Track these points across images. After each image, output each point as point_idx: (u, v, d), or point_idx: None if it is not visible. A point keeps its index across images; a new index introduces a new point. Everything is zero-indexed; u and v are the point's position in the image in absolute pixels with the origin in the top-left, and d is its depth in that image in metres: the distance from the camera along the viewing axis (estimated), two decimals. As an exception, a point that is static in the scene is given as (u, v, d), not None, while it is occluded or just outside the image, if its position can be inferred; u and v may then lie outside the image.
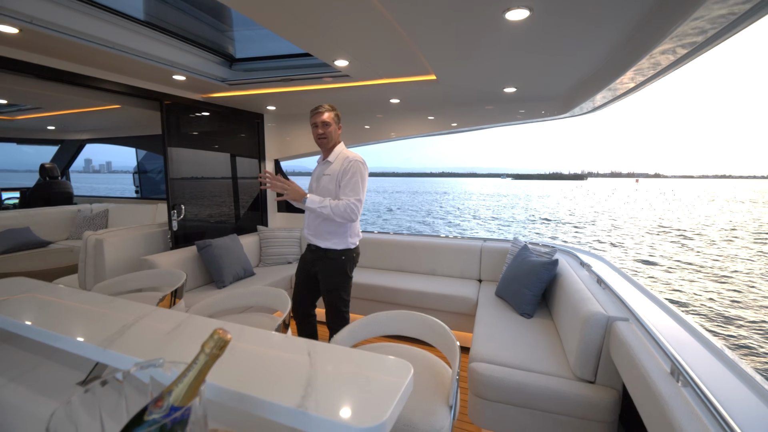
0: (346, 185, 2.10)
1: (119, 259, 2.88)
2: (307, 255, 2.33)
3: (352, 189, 2.09)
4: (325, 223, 2.17)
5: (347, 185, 2.10)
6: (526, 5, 1.41)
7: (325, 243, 2.20)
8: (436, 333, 1.42)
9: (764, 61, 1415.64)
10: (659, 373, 1.22)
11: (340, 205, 2.05)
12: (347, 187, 2.10)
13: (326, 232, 2.19)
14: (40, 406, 0.93)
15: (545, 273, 2.45)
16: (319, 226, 2.19)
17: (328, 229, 2.18)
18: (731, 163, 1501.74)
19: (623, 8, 1.48)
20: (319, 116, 2.14)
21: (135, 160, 5.86)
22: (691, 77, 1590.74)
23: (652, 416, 1.16)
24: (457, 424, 2.11)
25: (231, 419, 0.86)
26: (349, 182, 2.10)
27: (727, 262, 11.59)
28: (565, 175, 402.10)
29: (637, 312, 1.61)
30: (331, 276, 2.24)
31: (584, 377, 1.74)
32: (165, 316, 1.09)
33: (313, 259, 2.27)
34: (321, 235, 2.20)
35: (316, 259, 2.25)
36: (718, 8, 1.18)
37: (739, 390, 1.08)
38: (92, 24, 2.05)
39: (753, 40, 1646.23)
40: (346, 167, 2.13)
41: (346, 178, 2.11)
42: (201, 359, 0.57)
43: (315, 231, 2.21)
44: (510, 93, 2.98)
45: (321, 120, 2.14)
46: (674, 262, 11.58)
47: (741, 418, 0.93)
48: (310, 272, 2.32)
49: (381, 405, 0.67)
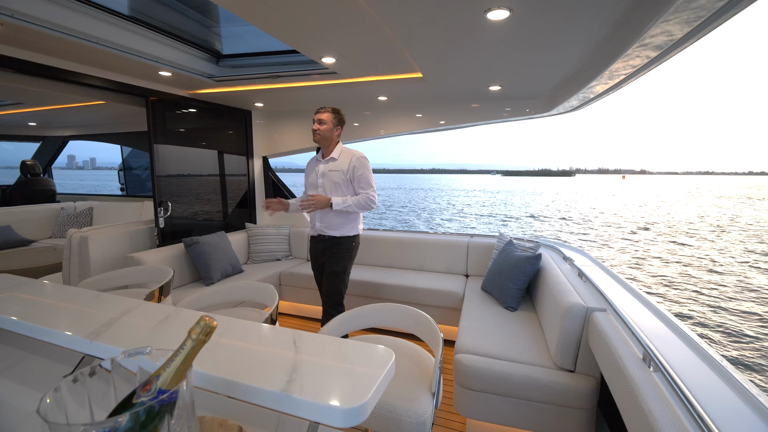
0: (359, 181, 2.38)
1: (105, 256, 2.86)
2: (317, 246, 2.51)
3: (365, 182, 2.39)
4: (337, 215, 2.40)
5: (360, 180, 2.38)
6: (506, 6, 1.45)
7: (338, 232, 2.43)
8: (420, 323, 1.46)
9: (742, 61, 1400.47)
10: (632, 359, 1.28)
11: (361, 200, 2.36)
12: (361, 181, 2.38)
13: (339, 223, 2.42)
14: (26, 399, 0.94)
15: (529, 267, 2.51)
16: (333, 218, 2.41)
17: (340, 220, 2.41)
18: (714, 160, 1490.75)
19: (599, 10, 1.53)
20: (319, 114, 2.36)
21: (120, 157, 5.77)
22: (673, 76, 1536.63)
23: (624, 399, 1.22)
24: (442, 415, 2.16)
25: (218, 408, 0.88)
26: (361, 178, 2.38)
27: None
28: (554, 171, 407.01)
29: (614, 302, 1.68)
30: (341, 259, 2.45)
31: (564, 366, 1.81)
32: (152, 310, 1.11)
33: (324, 248, 2.47)
34: (335, 226, 2.42)
35: (327, 248, 2.45)
36: (686, 14, 1.24)
37: (704, 373, 1.15)
38: (76, 19, 2.03)
39: (732, 39, 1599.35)
40: (355, 164, 2.37)
41: (357, 175, 2.37)
42: (188, 345, 0.59)
43: (329, 223, 2.42)
44: (495, 91, 3.03)
45: (318, 117, 2.36)
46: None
47: (704, 399, 0.99)
48: (322, 263, 2.51)
49: (362, 388, 0.71)
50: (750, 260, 10.97)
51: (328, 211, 2.39)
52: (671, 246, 13.19)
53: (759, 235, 15.31)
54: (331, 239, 2.44)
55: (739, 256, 11.58)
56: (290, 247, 4.04)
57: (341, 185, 2.38)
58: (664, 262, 10.78)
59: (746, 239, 14.32)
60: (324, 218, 2.43)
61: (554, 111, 3.58)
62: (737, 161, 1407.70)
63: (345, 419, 0.66)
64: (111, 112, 4.48)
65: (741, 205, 28.54)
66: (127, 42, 2.30)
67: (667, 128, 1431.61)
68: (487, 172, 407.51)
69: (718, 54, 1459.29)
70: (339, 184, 2.38)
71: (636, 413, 1.10)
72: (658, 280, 8.91)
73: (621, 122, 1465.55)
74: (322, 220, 2.44)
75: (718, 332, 5.91)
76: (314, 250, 2.55)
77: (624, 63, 1.88)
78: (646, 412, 1.04)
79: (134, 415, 0.53)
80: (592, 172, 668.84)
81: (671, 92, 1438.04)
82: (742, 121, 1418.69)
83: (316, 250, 2.53)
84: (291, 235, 4.05)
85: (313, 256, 2.59)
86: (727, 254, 11.77)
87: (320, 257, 2.51)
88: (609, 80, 2.23)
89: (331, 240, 2.44)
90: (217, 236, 3.35)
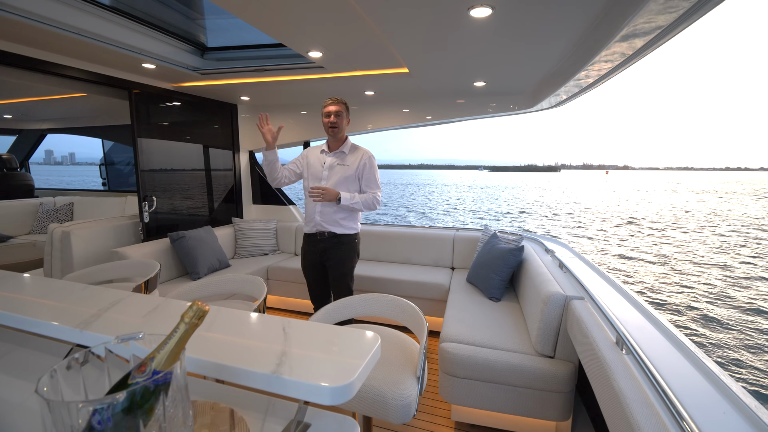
0: (368, 180, 2.37)
1: (88, 251, 2.82)
2: (317, 245, 2.39)
3: (374, 182, 2.38)
4: (340, 210, 2.33)
5: (369, 180, 2.37)
6: (488, 4, 1.49)
7: (341, 229, 2.35)
8: (405, 312, 1.51)
9: (720, 60, 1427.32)
10: (606, 343, 1.35)
11: (368, 198, 2.34)
12: (370, 181, 2.38)
13: (341, 219, 2.35)
14: (13, 391, 0.93)
15: (512, 259, 2.59)
16: (335, 214, 2.33)
17: (342, 216, 2.35)
18: (693, 156, 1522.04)
19: (578, 8, 1.59)
20: (332, 106, 2.29)
21: (101, 151, 5.64)
22: (654, 73, 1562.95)
23: (598, 381, 1.29)
24: (428, 403, 2.22)
25: (209, 394, 0.91)
26: (370, 177, 2.37)
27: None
28: (540, 167, 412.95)
29: (591, 291, 1.75)
30: (347, 260, 2.40)
31: (545, 353, 1.88)
32: (142, 301, 1.12)
33: (325, 248, 2.37)
34: (336, 222, 2.35)
35: (329, 248, 2.37)
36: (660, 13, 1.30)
37: (670, 353, 1.22)
38: (55, 8, 1.98)
39: (711, 37, 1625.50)
40: (366, 162, 2.36)
41: (366, 174, 2.36)
42: (181, 328, 0.62)
43: (330, 219, 2.34)
44: (480, 87, 3.09)
45: (332, 109, 2.29)
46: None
47: (670, 377, 1.06)
48: (321, 262, 2.42)
49: (350, 368, 0.74)
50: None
51: (331, 206, 2.31)
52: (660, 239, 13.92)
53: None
54: (333, 238, 2.35)
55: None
56: (277, 242, 4.04)
57: (348, 181, 2.33)
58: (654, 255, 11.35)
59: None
60: (324, 212, 2.34)
61: (538, 106, 3.66)
62: (715, 157, 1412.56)
63: (333, 397, 0.69)
64: (92, 105, 4.37)
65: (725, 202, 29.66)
66: (109, 33, 2.26)
67: (649, 125, 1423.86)
68: (475, 167, 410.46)
69: (696, 52, 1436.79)
70: (347, 179, 2.33)
71: (608, 392, 1.17)
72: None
73: (604, 118, 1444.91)
74: (323, 213, 2.34)
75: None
76: (312, 248, 2.41)
77: (605, 58, 1.95)
78: (617, 390, 1.10)
79: (131, 393, 0.55)
80: (577, 168, 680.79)
81: (653, 89, 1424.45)
82: (719, 118, 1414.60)
83: (314, 249, 2.40)
84: (278, 230, 4.05)
85: (309, 255, 2.44)
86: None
87: (319, 257, 2.40)
88: (590, 76, 2.30)
89: (332, 239, 2.35)
90: (204, 231, 3.33)
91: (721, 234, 14.82)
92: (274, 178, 2.38)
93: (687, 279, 8.63)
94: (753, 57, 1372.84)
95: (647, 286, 8.13)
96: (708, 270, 9.42)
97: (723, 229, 15.85)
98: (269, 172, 2.35)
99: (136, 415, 0.56)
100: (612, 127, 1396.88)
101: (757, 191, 40.58)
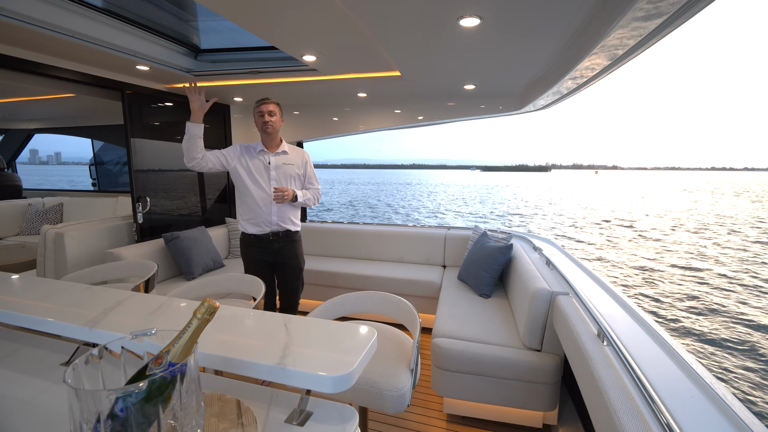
0: (310, 177, 2.53)
1: (81, 253, 2.82)
2: (270, 246, 2.39)
3: (315, 179, 2.56)
4: (292, 207, 2.44)
5: (311, 177, 2.53)
6: (477, 14, 1.56)
7: (293, 226, 2.47)
8: (399, 308, 1.58)
9: (707, 62, 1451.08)
10: (588, 335, 1.44)
11: (314, 194, 2.53)
12: (312, 178, 2.54)
13: (293, 215, 2.47)
14: (21, 389, 0.95)
15: (501, 256, 2.67)
16: (287, 211, 2.42)
17: (293, 213, 2.47)
18: (680, 156, 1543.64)
19: (563, 17, 1.66)
20: (267, 105, 2.30)
21: (91, 151, 5.58)
22: (643, 74, 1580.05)
23: (580, 371, 1.37)
24: (421, 396, 2.29)
25: (216, 387, 0.96)
26: (312, 175, 2.54)
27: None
28: (531, 167, 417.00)
29: (575, 287, 1.84)
30: (300, 254, 2.53)
31: (532, 346, 1.97)
32: (145, 300, 1.16)
33: (280, 247, 2.43)
34: (290, 220, 2.45)
35: (283, 246, 2.44)
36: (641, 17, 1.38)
37: (646, 344, 1.31)
38: (47, 10, 1.98)
39: (698, 39, 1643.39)
40: (307, 160, 2.51)
41: (309, 171, 2.52)
42: (194, 323, 0.67)
43: (283, 217, 2.42)
44: (470, 90, 3.16)
45: (267, 108, 2.30)
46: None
47: (645, 365, 1.15)
48: (272, 263, 2.48)
49: (349, 359, 0.81)
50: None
51: (286, 205, 2.38)
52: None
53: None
54: (286, 236, 2.42)
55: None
56: (271, 242, 4.08)
57: (294, 179, 2.43)
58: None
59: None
60: (281, 211, 2.38)
61: (526, 108, 3.76)
62: (702, 157, 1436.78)
63: (334, 386, 0.75)
64: (81, 105, 4.33)
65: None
66: (102, 35, 2.27)
67: (637, 125, 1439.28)
68: (467, 167, 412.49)
69: (684, 54, 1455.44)
70: (293, 178, 2.42)
71: (589, 381, 1.25)
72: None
73: (594, 119, 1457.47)
74: (278, 213, 2.37)
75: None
76: (263, 250, 2.40)
77: (589, 63, 2.03)
78: (597, 378, 1.18)
79: (151, 383, 0.61)
80: (567, 167, 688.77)
81: (642, 91, 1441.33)
82: (705, 119, 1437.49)
83: (267, 250, 2.40)
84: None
85: (261, 256, 2.41)
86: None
87: (273, 257, 2.42)
88: (575, 80, 2.39)
89: (286, 237, 2.42)
90: (198, 231, 3.35)
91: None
92: (193, 157, 2.17)
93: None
94: (740, 59, 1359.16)
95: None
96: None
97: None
98: (189, 148, 2.14)
99: (155, 402, 0.62)
100: (601, 127, 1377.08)
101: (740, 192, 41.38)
